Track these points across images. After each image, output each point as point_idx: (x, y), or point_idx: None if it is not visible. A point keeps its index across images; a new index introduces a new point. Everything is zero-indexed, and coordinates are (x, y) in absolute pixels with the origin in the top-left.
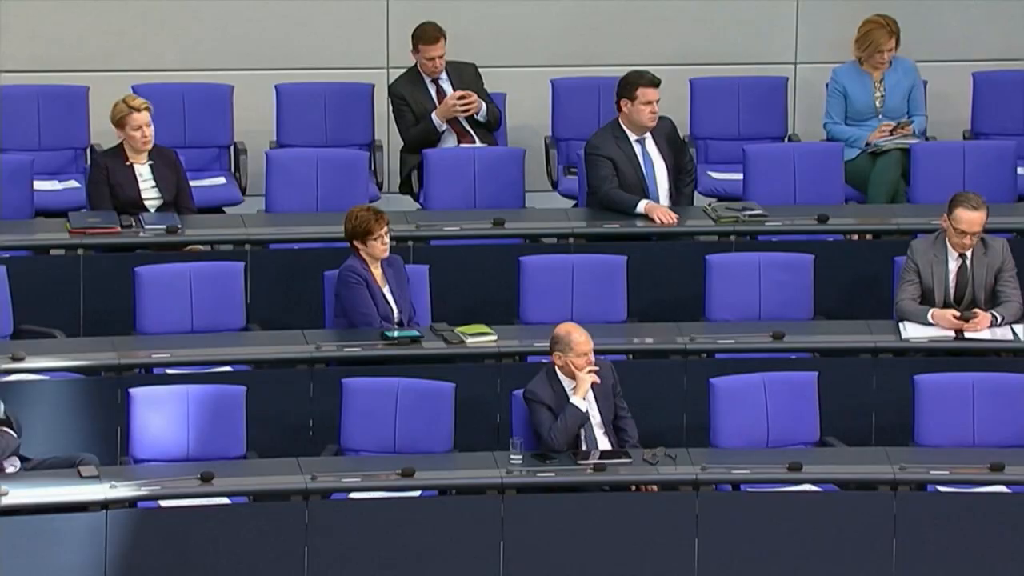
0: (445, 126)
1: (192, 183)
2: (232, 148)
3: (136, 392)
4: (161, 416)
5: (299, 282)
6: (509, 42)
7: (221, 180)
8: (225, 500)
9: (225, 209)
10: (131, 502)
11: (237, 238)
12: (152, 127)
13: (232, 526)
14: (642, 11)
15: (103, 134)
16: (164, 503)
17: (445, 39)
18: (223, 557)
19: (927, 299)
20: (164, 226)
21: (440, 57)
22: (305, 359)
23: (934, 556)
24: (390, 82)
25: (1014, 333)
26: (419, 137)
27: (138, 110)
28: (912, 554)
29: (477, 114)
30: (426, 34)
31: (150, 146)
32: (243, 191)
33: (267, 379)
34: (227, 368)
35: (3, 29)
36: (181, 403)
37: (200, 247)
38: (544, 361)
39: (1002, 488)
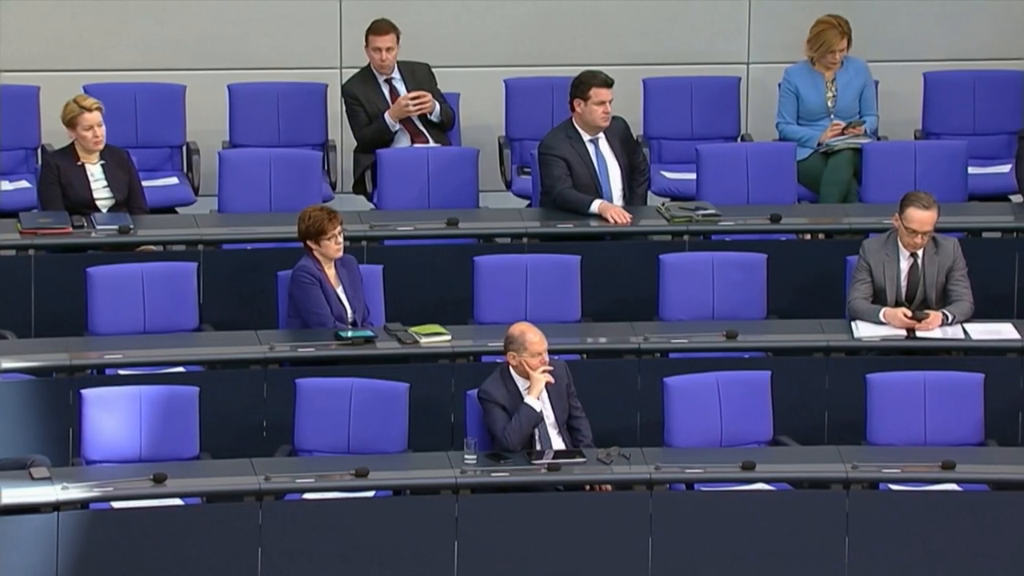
0: (398, 126)
1: (144, 183)
2: (184, 148)
3: (88, 393)
4: (113, 417)
5: (252, 282)
6: (463, 42)
7: (173, 180)
8: (178, 501)
9: (178, 209)
10: (83, 503)
11: (190, 238)
12: (104, 127)
13: (185, 527)
14: (595, 11)
15: (54, 134)
16: (116, 504)
17: (398, 35)
18: (176, 559)
19: (879, 298)
20: (116, 226)
21: (389, 50)
22: (258, 359)
23: (886, 554)
24: (343, 82)
25: (965, 332)
26: (372, 137)
27: (89, 110)
28: (864, 552)
29: (431, 114)
30: (377, 25)
31: (101, 146)
32: (196, 191)
33: (220, 380)
34: (180, 369)
35: None
36: (134, 404)
37: (152, 247)
38: (498, 361)
39: (953, 486)
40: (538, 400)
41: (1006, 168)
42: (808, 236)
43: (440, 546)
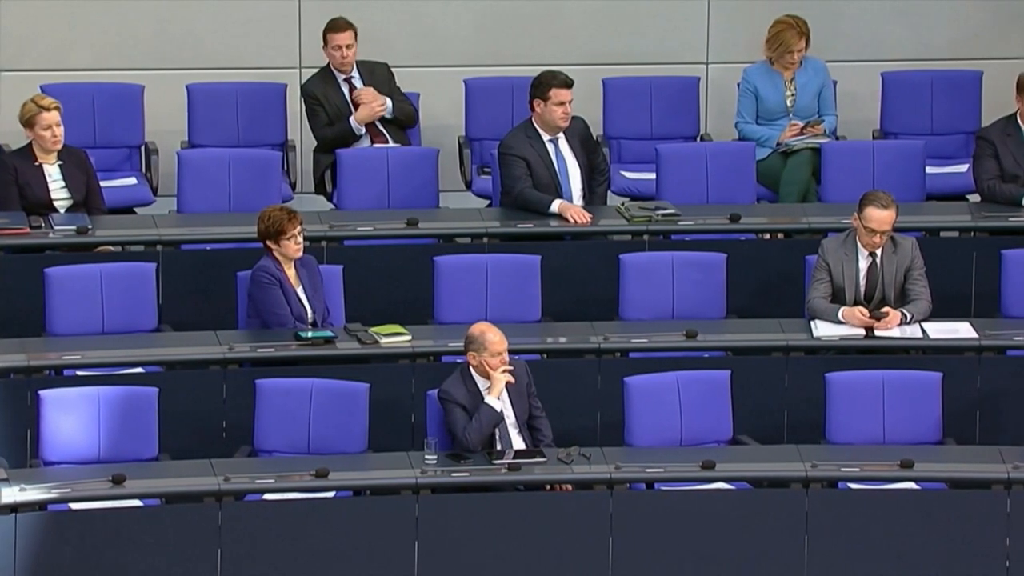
0: (363, 130)
1: (103, 183)
2: (143, 148)
3: (46, 394)
4: (72, 418)
5: (212, 283)
6: (422, 42)
7: (132, 180)
8: (137, 502)
9: (136, 210)
10: (41, 505)
11: (148, 239)
12: (62, 127)
13: (144, 528)
14: (555, 11)
15: (11, 134)
16: (75, 506)
17: (355, 33)
18: (135, 560)
19: (838, 297)
20: (74, 227)
21: (348, 47)
22: (218, 360)
23: (845, 552)
24: (302, 81)
25: (923, 331)
26: (336, 139)
27: (47, 109)
28: (823, 550)
29: (385, 112)
30: (335, 24)
31: (60, 146)
32: (154, 191)
33: (179, 380)
34: (139, 369)
35: None
36: (92, 405)
37: (111, 248)
38: (459, 361)
39: (911, 485)
40: (498, 400)
41: (963, 168)
42: (767, 236)
43: (401, 546)
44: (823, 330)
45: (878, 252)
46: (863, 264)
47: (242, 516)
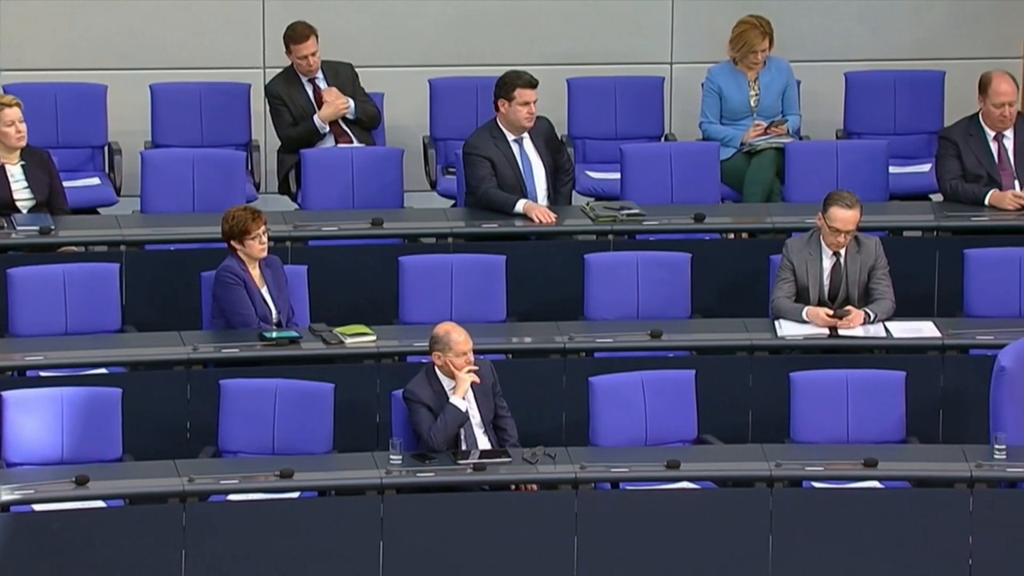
0: (327, 128)
1: (65, 184)
2: (106, 148)
3: (9, 395)
4: (35, 419)
5: (176, 283)
6: (386, 42)
7: (95, 181)
8: (101, 503)
9: (99, 210)
10: (4, 506)
11: (112, 239)
12: (24, 124)
13: (108, 529)
14: (519, 11)
15: None
16: (38, 507)
17: (317, 37)
18: (99, 561)
19: (802, 297)
20: (37, 227)
21: (313, 55)
22: (182, 360)
23: (809, 551)
24: (266, 82)
25: (887, 330)
26: (300, 138)
27: (9, 106)
28: (788, 549)
29: (348, 112)
30: (295, 33)
31: (23, 143)
32: (118, 192)
33: (143, 381)
34: (102, 370)
35: None
36: (55, 406)
37: (74, 248)
38: (424, 361)
39: (875, 484)
40: (464, 400)
41: (926, 167)
42: (732, 235)
43: (365, 546)
44: (787, 330)
45: (842, 252)
46: (827, 264)
47: (206, 517)
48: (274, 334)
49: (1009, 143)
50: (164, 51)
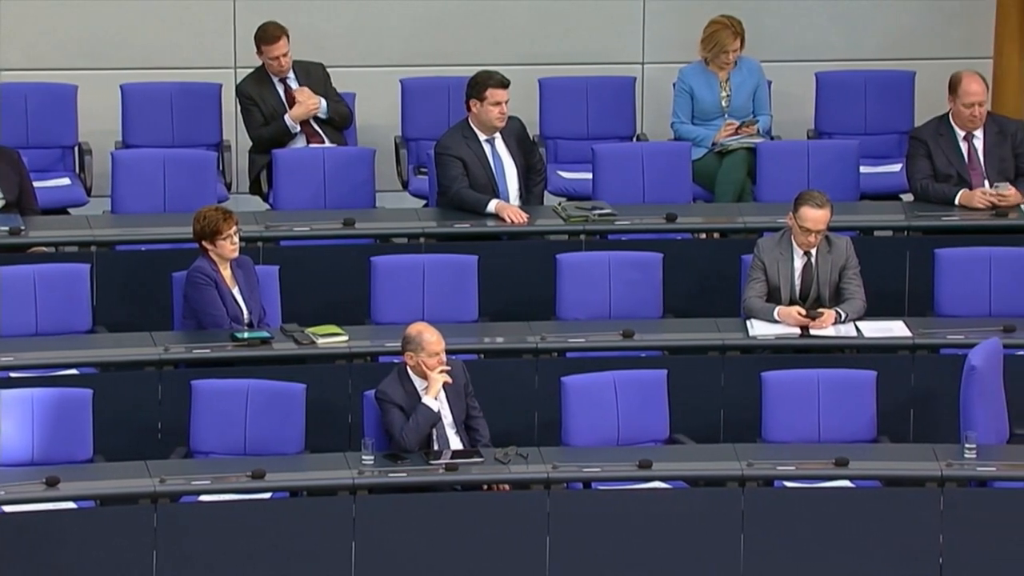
0: (298, 128)
1: (36, 184)
2: (77, 148)
3: None
4: (5, 420)
5: (147, 284)
6: (358, 42)
7: (66, 181)
8: (72, 504)
9: (70, 210)
10: None
11: (83, 239)
12: None
13: (79, 531)
14: (491, 11)
15: None
16: (8, 508)
17: (288, 37)
18: (70, 562)
19: (773, 297)
20: (7, 228)
21: (284, 55)
22: (153, 361)
23: (781, 550)
24: (238, 82)
25: (857, 330)
26: (271, 138)
27: None
28: (759, 548)
29: (319, 112)
30: (266, 34)
31: None
32: (88, 192)
33: (114, 382)
34: (73, 371)
35: None
36: (26, 407)
37: (44, 249)
38: (396, 361)
39: (846, 483)
40: (436, 400)
41: (897, 167)
42: (703, 235)
43: (337, 547)
44: (759, 329)
45: (813, 251)
46: (798, 263)
47: (178, 518)
48: (246, 334)
49: (979, 143)
50: (135, 51)
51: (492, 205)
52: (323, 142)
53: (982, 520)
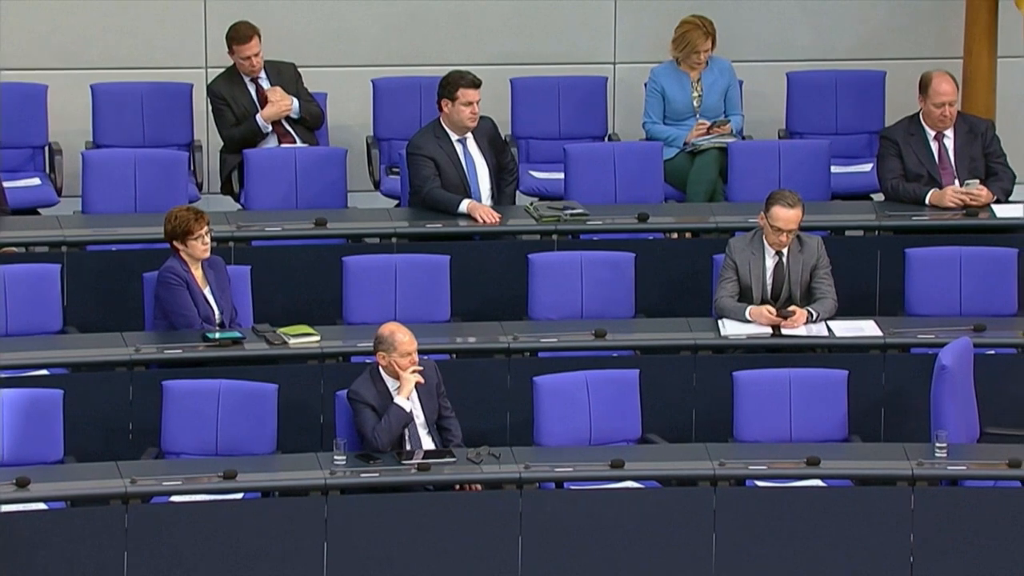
0: (270, 127)
1: (5, 184)
2: (47, 148)
3: None
4: None
5: (118, 284)
6: (330, 41)
7: (36, 181)
8: (42, 505)
9: (40, 210)
10: None
11: (53, 240)
12: None
13: (50, 532)
14: (463, 11)
15: None
16: None
17: (259, 37)
18: (41, 563)
19: (745, 296)
20: None
21: (256, 55)
22: (124, 361)
23: (753, 549)
24: (209, 81)
25: (829, 329)
26: (243, 138)
27: None
28: (731, 548)
29: (291, 112)
30: (238, 34)
31: None
32: (59, 192)
33: (85, 382)
34: (44, 372)
35: None
36: None
37: (14, 249)
38: (368, 361)
39: (817, 482)
40: (408, 400)
41: (868, 167)
42: (675, 235)
43: (309, 547)
44: (730, 329)
45: (784, 251)
46: (770, 263)
47: (149, 519)
48: (217, 335)
49: (949, 143)
50: (105, 51)
51: (464, 205)
52: (295, 142)
53: (953, 519)
